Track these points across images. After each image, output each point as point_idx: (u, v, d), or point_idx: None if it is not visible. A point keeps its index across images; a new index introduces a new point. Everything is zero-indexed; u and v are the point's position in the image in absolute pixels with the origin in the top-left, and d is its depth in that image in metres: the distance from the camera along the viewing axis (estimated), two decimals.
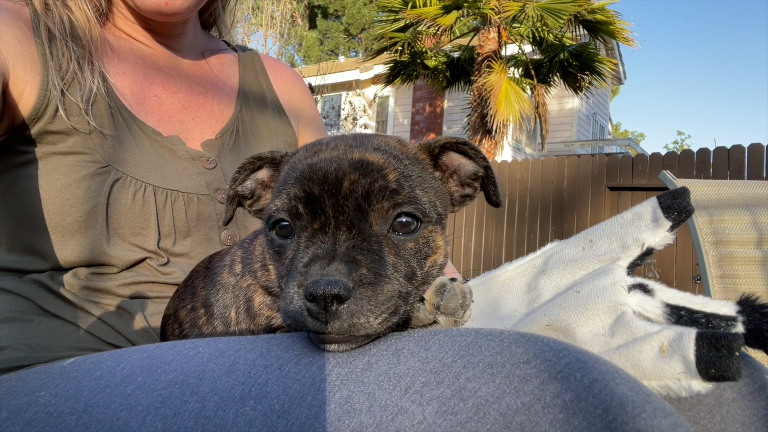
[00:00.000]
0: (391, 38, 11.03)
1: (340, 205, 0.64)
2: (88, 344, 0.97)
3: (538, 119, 10.82)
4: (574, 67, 10.44)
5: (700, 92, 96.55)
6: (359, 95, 16.68)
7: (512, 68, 11.20)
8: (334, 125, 15.56)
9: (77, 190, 0.99)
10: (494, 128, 9.67)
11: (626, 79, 17.49)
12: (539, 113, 10.71)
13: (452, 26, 10.31)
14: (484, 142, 10.05)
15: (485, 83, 9.72)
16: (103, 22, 1.16)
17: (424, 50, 11.33)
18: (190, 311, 0.93)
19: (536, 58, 11.13)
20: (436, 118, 15.23)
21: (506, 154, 13.57)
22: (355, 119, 15.28)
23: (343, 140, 0.71)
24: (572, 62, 10.36)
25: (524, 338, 0.58)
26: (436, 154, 0.77)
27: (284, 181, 0.69)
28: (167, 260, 1.07)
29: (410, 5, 10.31)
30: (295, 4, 16.00)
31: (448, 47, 11.83)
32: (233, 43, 1.45)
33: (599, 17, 9.66)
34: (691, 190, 0.76)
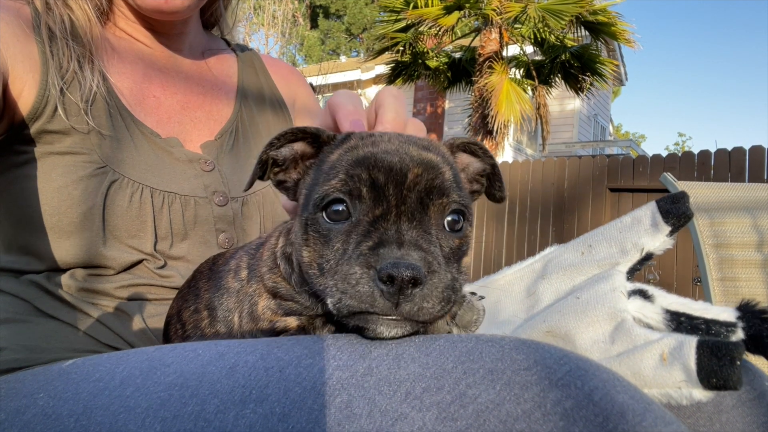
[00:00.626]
0: (392, 38, 11.02)
1: (403, 195, 0.65)
2: (86, 346, 0.97)
3: (539, 120, 10.81)
4: (575, 68, 10.44)
5: (701, 94, 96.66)
6: (361, 95, 16.64)
7: (513, 69, 11.20)
8: None
9: (74, 191, 0.98)
10: (495, 129, 9.67)
11: (627, 80, 17.51)
12: (540, 114, 10.71)
13: (454, 27, 10.31)
14: (485, 142, 10.03)
15: (486, 84, 9.71)
16: (103, 21, 1.16)
17: (425, 51, 11.32)
18: (193, 313, 0.92)
19: (538, 59, 11.12)
20: (437, 118, 15.24)
21: (507, 154, 13.57)
22: None
23: (395, 136, 0.72)
24: (574, 63, 10.36)
25: (525, 345, 0.58)
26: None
27: (339, 164, 0.69)
28: (164, 263, 1.06)
29: (412, 5, 10.30)
30: (296, 3, 16.00)
31: (449, 48, 11.81)
32: (234, 42, 1.45)
33: (601, 18, 9.66)
34: (691, 192, 0.76)
